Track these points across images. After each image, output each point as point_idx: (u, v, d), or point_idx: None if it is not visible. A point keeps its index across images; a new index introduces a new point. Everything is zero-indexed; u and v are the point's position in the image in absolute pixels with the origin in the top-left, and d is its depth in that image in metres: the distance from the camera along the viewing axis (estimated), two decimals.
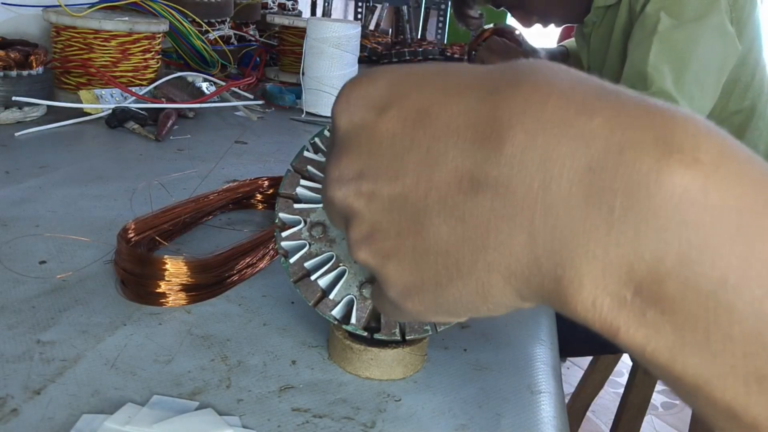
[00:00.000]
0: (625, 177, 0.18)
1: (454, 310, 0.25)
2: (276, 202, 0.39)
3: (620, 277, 0.19)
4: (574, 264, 0.20)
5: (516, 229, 0.21)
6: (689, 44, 0.94)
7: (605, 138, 0.19)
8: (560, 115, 0.20)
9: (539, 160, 0.20)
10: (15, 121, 0.82)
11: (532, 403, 0.37)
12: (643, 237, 0.18)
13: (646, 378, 1.20)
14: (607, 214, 0.19)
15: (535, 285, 0.21)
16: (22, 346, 0.37)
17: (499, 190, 0.21)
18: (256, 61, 1.29)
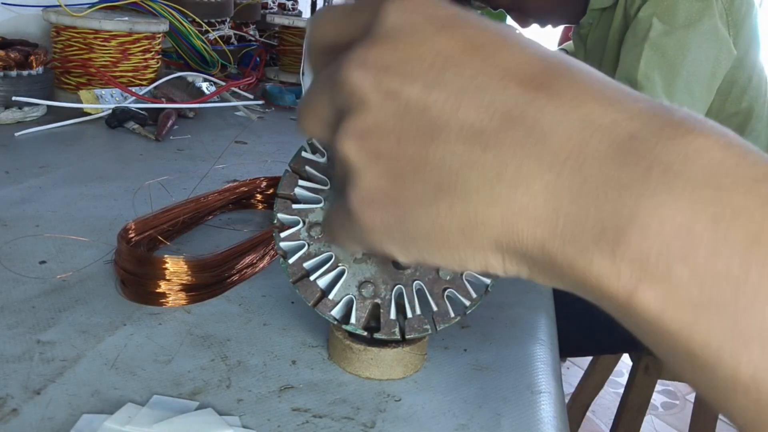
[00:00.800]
0: (666, 147, 0.19)
1: (413, 240, 0.24)
2: (274, 202, 0.39)
3: (649, 235, 0.19)
4: (600, 219, 0.20)
5: (541, 171, 0.21)
6: (679, 51, 0.95)
7: (648, 117, 0.20)
8: (607, 93, 0.21)
9: (584, 120, 0.20)
10: (15, 121, 0.82)
11: (532, 403, 0.37)
12: (679, 197, 0.19)
13: (646, 378, 1.20)
14: (644, 175, 0.19)
15: (535, 238, 0.21)
16: (22, 346, 0.37)
17: (535, 132, 0.21)
18: (256, 61, 1.29)
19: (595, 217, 0.20)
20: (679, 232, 0.19)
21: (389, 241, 0.25)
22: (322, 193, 0.39)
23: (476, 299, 0.37)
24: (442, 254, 0.24)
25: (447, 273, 0.37)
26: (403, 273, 0.37)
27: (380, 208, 0.24)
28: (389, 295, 0.37)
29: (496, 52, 0.22)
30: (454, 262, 0.24)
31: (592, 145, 0.20)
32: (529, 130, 0.21)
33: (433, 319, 0.37)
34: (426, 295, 0.37)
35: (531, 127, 0.21)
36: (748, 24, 1.04)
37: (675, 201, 0.19)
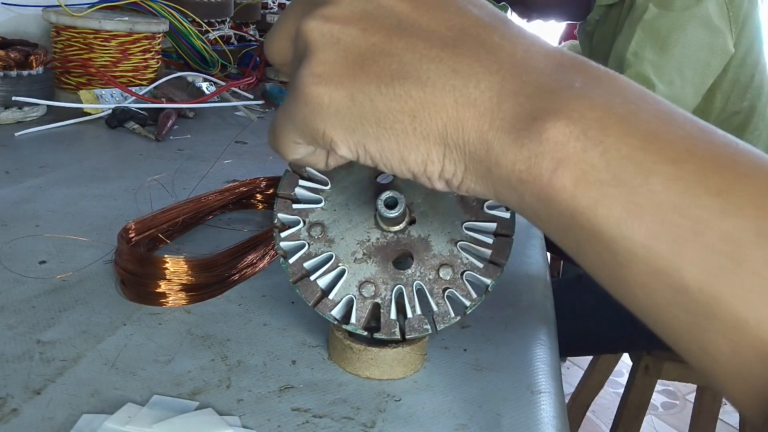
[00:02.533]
0: (590, 71, 0.24)
1: (360, 122, 0.25)
2: (274, 202, 0.39)
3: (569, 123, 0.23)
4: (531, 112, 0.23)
5: (490, 73, 0.24)
6: (673, 31, 0.95)
7: (575, 59, 0.25)
8: (545, 45, 0.26)
9: (526, 46, 0.25)
10: (15, 121, 0.82)
11: (532, 403, 0.37)
12: (596, 99, 0.23)
13: (646, 378, 1.20)
14: (570, 84, 0.24)
15: (478, 128, 0.24)
16: (22, 346, 0.37)
17: (486, 45, 0.25)
18: (256, 61, 1.29)
19: (527, 111, 0.23)
20: (594, 123, 0.22)
21: (333, 122, 0.26)
22: (323, 193, 0.39)
23: (476, 299, 0.37)
24: (387, 140, 0.25)
25: (448, 273, 0.37)
26: (404, 273, 0.37)
27: (332, 84, 0.25)
28: (389, 295, 0.37)
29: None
30: (395, 152, 0.26)
31: (531, 63, 0.24)
32: (481, 43, 0.25)
33: (433, 319, 0.37)
34: (426, 295, 0.37)
35: (483, 41, 0.25)
36: (751, 21, 1.04)
37: (592, 103, 0.23)
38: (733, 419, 1.81)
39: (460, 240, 0.37)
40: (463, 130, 0.24)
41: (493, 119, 0.24)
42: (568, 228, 0.23)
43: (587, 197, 0.22)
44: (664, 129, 0.22)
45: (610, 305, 0.74)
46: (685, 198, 0.21)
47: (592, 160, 0.22)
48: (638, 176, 0.22)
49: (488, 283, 0.37)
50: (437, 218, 0.38)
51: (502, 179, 0.24)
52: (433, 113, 0.24)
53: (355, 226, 0.38)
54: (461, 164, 0.25)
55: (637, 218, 0.22)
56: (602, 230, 0.22)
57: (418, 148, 0.25)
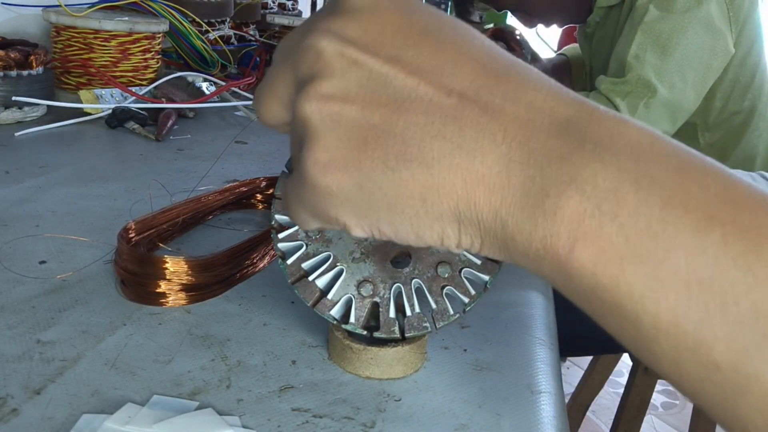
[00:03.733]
0: (596, 128, 0.23)
1: (371, 207, 0.25)
2: (272, 203, 0.39)
3: (584, 198, 0.22)
4: (543, 186, 0.22)
5: (495, 145, 0.23)
6: (674, 34, 0.95)
7: (580, 105, 0.24)
8: (545, 85, 0.24)
9: (528, 105, 0.23)
10: (15, 121, 0.82)
11: (532, 403, 0.37)
12: (608, 166, 0.22)
13: (646, 378, 1.20)
14: (579, 148, 0.22)
15: (490, 206, 0.23)
16: (22, 346, 0.37)
17: (488, 111, 0.23)
18: (256, 61, 1.29)
19: (539, 185, 0.22)
20: (608, 195, 0.21)
21: (345, 209, 0.25)
22: None
23: (475, 296, 0.37)
24: (400, 223, 0.25)
25: (446, 270, 0.37)
26: (402, 272, 0.37)
27: (338, 172, 0.25)
28: (388, 293, 0.37)
29: (451, 38, 0.25)
30: (411, 233, 0.25)
31: (536, 125, 0.23)
32: (482, 109, 0.23)
33: (432, 317, 0.37)
34: (425, 293, 0.37)
35: (484, 106, 0.23)
36: (752, 21, 1.04)
37: (604, 169, 0.22)
38: None
39: None
40: (476, 207, 0.24)
41: (504, 195, 0.23)
42: (590, 301, 0.23)
43: (607, 275, 0.22)
44: (682, 192, 0.21)
45: None
46: (712, 271, 0.20)
47: (610, 237, 0.21)
48: (659, 250, 0.21)
49: (487, 279, 0.37)
50: None
51: (519, 253, 0.24)
52: (443, 195, 0.24)
53: None
54: (477, 238, 0.25)
55: (661, 295, 0.21)
56: (625, 307, 0.22)
57: (432, 227, 0.25)
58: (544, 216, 0.22)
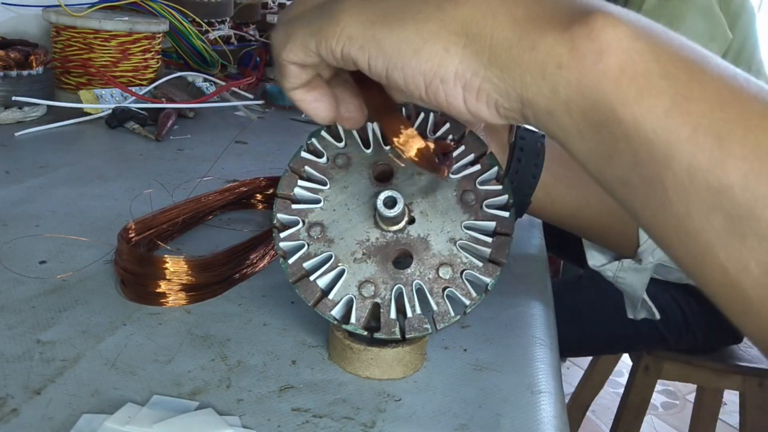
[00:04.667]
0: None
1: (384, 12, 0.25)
2: (274, 202, 0.39)
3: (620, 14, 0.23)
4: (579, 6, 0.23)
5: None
6: (673, 20, 0.96)
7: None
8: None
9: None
10: (15, 121, 0.82)
11: (532, 403, 0.37)
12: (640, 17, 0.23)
13: (646, 378, 1.20)
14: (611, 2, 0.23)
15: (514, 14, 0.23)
16: (22, 346, 0.37)
17: None
18: (256, 61, 1.29)
19: (572, 6, 0.23)
20: (641, 24, 0.22)
21: (355, 17, 0.25)
22: (322, 193, 0.39)
23: (476, 298, 0.37)
24: (404, 30, 0.25)
25: (447, 272, 0.37)
26: (403, 273, 0.37)
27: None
28: (389, 294, 0.37)
29: None
30: (411, 44, 0.25)
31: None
32: None
33: (433, 319, 0.37)
34: (426, 294, 0.37)
35: None
36: (745, 14, 1.05)
37: (637, 15, 0.22)
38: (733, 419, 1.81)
39: (459, 239, 0.37)
40: (494, 19, 0.24)
41: (531, 11, 0.23)
42: (603, 124, 0.22)
43: (633, 86, 0.21)
44: (706, 52, 0.22)
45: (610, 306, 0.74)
46: (737, 96, 0.21)
47: (642, 50, 0.22)
48: (687, 72, 0.21)
49: (488, 282, 0.37)
50: (436, 217, 0.38)
51: (535, 66, 0.23)
52: (460, 2, 0.24)
53: (354, 225, 0.38)
54: (484, 54, 0.24)
55: (684, 110, 0.21)
56: (644, 123, 0.21)
57: (436, 37, 0.24)
58: (574, 22, 0.22)
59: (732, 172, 0.20)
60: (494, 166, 0.38)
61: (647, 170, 0.22)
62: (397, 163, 0.38)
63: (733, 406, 1.76)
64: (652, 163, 0.22)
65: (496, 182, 0.39)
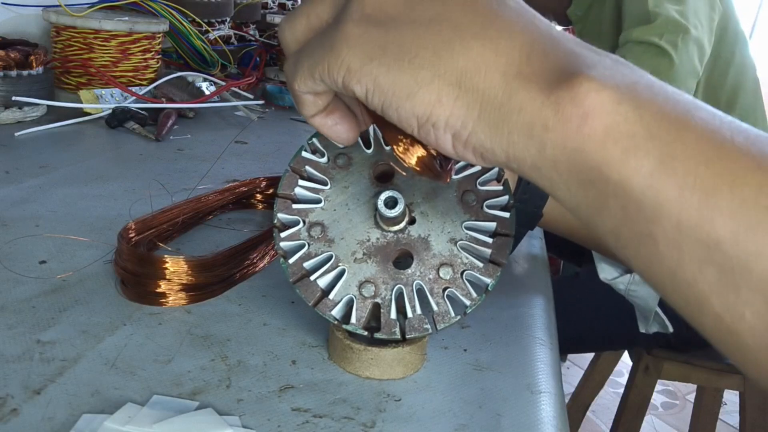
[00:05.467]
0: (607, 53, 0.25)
1: (383, 51, 0.25)
2: (274, 202, 0.39)
3: (605, 74, 0.23)
4: (567, 64, 0.24)
5: (523, 34, 0.25)
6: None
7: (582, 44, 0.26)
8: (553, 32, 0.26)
9: (547, 25, 0.26)
10: (15, 121, 0.82)
11: (532, 403, 0.37)
12: (624, 67, 0.24)
13: (646, 378, 1.20)
14: (599, 55, 0.25)
15: (504, 72, 0.24)
16: (22, 346, 0.37)
17: (524, 11, 0.26)
18: (256, 61, 1.29)
19: (559, 67, 0.24)
20: (625, 85, 0.23)
21: (356, 51, 0.26)
22: (322, 193, 0.39)
23: (477, 299, 0.37)
24: (400, 72, 0.25)
25: (448, 272, 0.37)
26: (404, 273, 0.37)
27: (373, 23, 0.26)
28: (389, 294, 0.37)
29: None
30: (404, 88, 0.25)
31: (564, 37, 0.25)
32: (518, 12, 0.26)
33: (433, 319, 0.37)
34: (426, 294, 0.37)
35: (520, 10, 0.26)
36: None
37: (622, 71, 0.23)
38: (733, 419, 1.81)
39: (460, 239, 0.37)
40: (486, 73, 0.24)
41: (521, 70, 0.24)
42: (592, 182, 0.23)
43: (618, 147, 0.22)
44: (692, 103, 0.23)
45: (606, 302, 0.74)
46: (721, 152, 0.21)
47: (626, 113, 0.22)
48: (671, 131, 0.22)
49: (488, 282, 0.37)
50: (437, 218, 0.38)
51: (522, 127, 0.24)
52: (456, 53, 0.24)
53: (354, 226, 0.38)
54: (474, 110, 0.25)
55: (670, 170, 0.21)
56: (631, 183, 0.22)
57: (430, 85, 0.25)
58: (560, 86, 0.23)
59: (721, 227, 0.20)
60: (494, 166, 0.38)
61: (637, 226, 0.22)
62: (399, 171, 0.38)
63: (733, 406, 1.76)
64: (641, 219, 0.22)
65: (497, 183, 0.39)
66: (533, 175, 0.25)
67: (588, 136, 0.22)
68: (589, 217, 0.24)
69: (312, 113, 0.31)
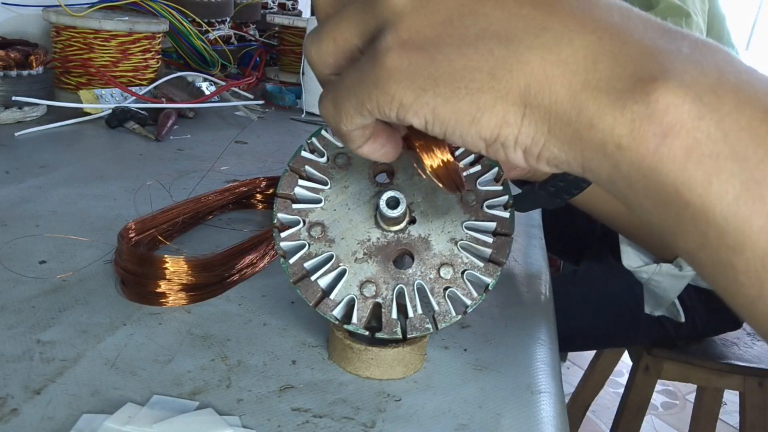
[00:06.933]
0: (692, 36, 0.22)
1: (435, 82, 0.23)
2: (274, 202, 0.39)
3: (681, 89, 0.21)
4: (636, 73, 0.21)
5: (585, 32, 0.22)
6: None
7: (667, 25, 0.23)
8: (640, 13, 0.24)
9: (624, 9, 0.23)
10: (15, 121, 0.82)
11: (532, 403, 0.37)
12: (706, 63, 0.21)
13: (646, 378, 1.20)
14: (678, 46, 0.22)
15: (569, 87, 0.22)
16: (22, 346, 0.37)
17: (582, 3, 0.23)
18: (256, 61, 1.29)
19: (630, 72, 0.21)
20: (707, 89, 0.20)
21: (406, 85, 0.24)
22: (322, 193, 0.39)
23: (477, 298, 0.37)
24: (459, 101, 0.23)
25: (448, 272, 0.37)
26: (404, 272, 0.37)
27: (414, 50, 0.24)
28: (390, 294, 0.37)
29: None
30: (468, 115, 0.24)
31: (631, 25, 0.22)
32: (578, 2, 0.23)
33: (434, 318, 0.37)
34: (427, 294, 0.37)
35: (579, 0, 0.23)
36: None
37: (703, 67, 0.21)
38: (733, 419, 1.81)
39: (460, 239, 0.37)
40: (550, 88, 0.22)
41: (587, 79, 0.22)
42: (669, 204, 0.21)
43: (700, 170, 0.20)
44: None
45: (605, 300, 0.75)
46: None
47: (708, 129, 0.20)
48: (759, 150, 0.19)
49: (489, 282, 0.37)
50: (437, 218, 0.38)
51: (594, 145, 0.22)
52: (515, 71, 0.22)
53: (355, 225, 0.38)
54: (543, 126, 0.23)
55: (757, 196, 0.19)
56: (713, 209, 0.20)
57: (493, 109, 0.23)
58: (634, 98, 0.21)
59: None
60: (494, 167, 0.38)
61: (717, 253, 0.21)
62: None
63: (733, 406, 1.76)
64: (722, 247, 0.20)
65: (496, 183, 0.39)
66: (609, 189, 0.23)
67: (666, 156, 0.20)
68: (664, 235, 0.22)
69: (361, 144, 0.29)
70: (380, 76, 0.24)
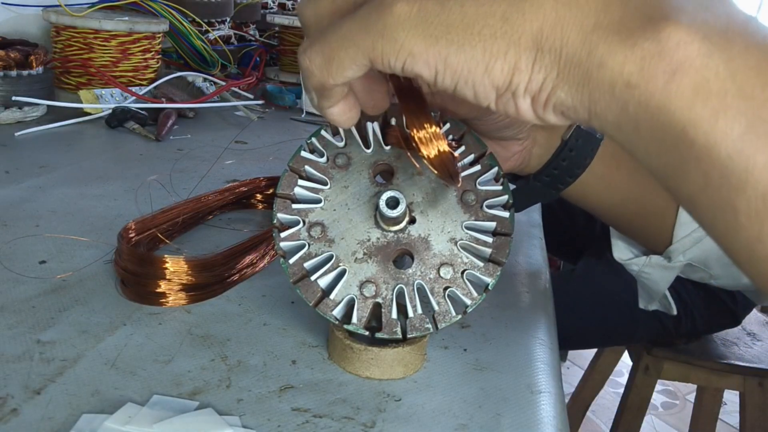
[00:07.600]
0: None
1: (447, 29, 0.23)
2: (274, 202, 0.39)
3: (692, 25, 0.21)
4: (647, 13, 0.21)
5: None
6: None
7: None
8: None
9: None
10: (15, 121, 0.82)
11: (532, 403, 0.37)
12: (716, 9, 0.22)
13: (646, 378, 1.20)
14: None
15: (581, 27, 0.22)
16: (22, 346, 0.37)
17: None
18: (256, 61, 1.29)
19: (642, 12, 0.21)
20: (716, 30, 0.20)
21: (416, 33, 0.23)
22: (322, 193, 0.39)
23: (477, 298, 0.37)
24: (472, 48, 0.23)
25: (448, 272, 0.37)
26: (404, 272, 0.37)
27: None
28: (390, 294, 0.37)
29: None
30: (481, 62, 0.23)
31: None
32: None
33: (434, 318, 0.37)
34: (427, 294, 0.37)
35: None
36: None
37: (713, 10, 0.21)
38: (733, 419, 1.81)
39: (460, 239, 0.37)
40: (562, 30, 0.22)
41: (599, 19, 0.22)
42: (675, 144, 0.21)
43: (707, 108, 0.20)
44: None
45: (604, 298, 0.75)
46: None
47: (717, 68, 0.20)
48: (766, 89, 0.20)
49: (488, 281, 0.37)
50: (437, 217, 0.38)
51: (603, 84, 0.22)
52: (528, 14, 0.22)
53: (354, 225, 0.38)
54: (553, 70, 0.23)
55: (762, 133, 0.19)
56: (718, 147, 0.20)
57: (506, 55, 0.23)
58: (645, 36, 0.21)
59: None
60: (494, 167, 0.38)
61: (718, 193, 0.21)
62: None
63: (733, 406, 1.76)
64: (724, 186, 0.20)
65: (496, 182, 0.39)
66: (614, 135, 0.23)
67: (675, 93, 0.20)
68: (666, 181, 0.22)
69: (335, 104, 0.29)
70: (387, 23, 0.24)
